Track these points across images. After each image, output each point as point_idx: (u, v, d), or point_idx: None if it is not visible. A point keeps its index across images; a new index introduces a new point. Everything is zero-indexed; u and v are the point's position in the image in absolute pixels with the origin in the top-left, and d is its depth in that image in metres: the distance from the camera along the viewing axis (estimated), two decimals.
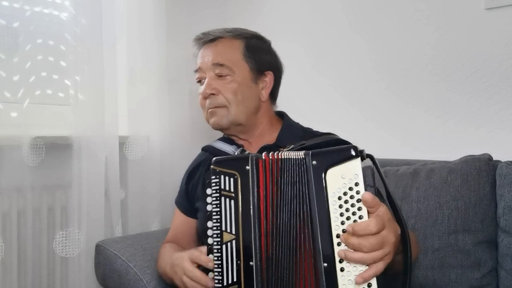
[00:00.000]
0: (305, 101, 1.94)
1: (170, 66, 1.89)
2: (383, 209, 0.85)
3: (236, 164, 0.96)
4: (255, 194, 0.93)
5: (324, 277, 0.86)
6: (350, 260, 0.85)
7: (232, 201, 0.94)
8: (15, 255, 1.53)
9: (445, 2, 1.62)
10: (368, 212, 0.85)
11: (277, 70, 1.32)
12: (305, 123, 1.36)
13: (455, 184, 1.35)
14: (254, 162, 0.94)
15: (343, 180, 0.87)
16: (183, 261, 1.05)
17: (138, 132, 1.81)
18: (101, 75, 1.66)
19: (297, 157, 0.92)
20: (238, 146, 1.28)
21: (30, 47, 1.57)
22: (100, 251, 1.48)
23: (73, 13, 1.61)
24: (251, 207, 0.93)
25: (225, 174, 0.95)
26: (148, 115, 1.83)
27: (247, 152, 1.13)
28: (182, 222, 1.39)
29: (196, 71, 1.29)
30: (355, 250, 0.84)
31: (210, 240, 0.97)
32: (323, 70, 1.91)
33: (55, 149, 1.60)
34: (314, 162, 0.90)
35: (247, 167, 0.94)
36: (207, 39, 1.28)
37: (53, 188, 1.63)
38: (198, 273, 1.00)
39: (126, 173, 1.79)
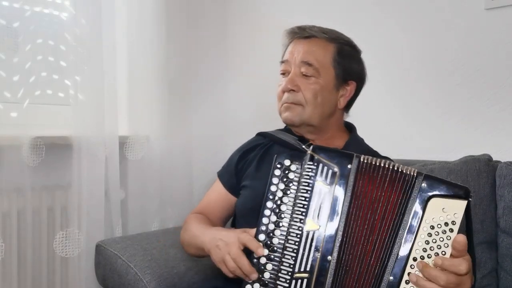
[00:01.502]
0: None
1: (170, 66, 1.89)
2: (468, 257, 0.88)
3: (338, 158, 0.95)
4: (349, 193, 0.93)
5: None
6: (419, 287, 0.87)
7: (326, 192, 0.94)
8: (15, 255, 1.53)
9: (445, 2, 1.62)
10: (451, 254, 0.88)
11: (360, 81, 1.31)
12: None
13: None
14: (357, 162, 0.94)
15: (443, 213, 0.89)
16: (233, 241, 1.01)
17: (138, 132, 1.81)
18: (101, 75, 1.65)
19: (407, 172, 0.93)
20: (304, 140, 1.26)
21: (30, 47, 1.57)
22: (100, 251, 1.48)
23: (73, 13, 1.61)
24: (344, 204, 0.93)
25: (324, 164, 0.95)
26: (148, 115, 1.83)
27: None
28: (220, 195, 1.36)
29: (282, 62, 1.28)
30: (429, 280, 0.87)
31: (265, 220, 0.95)
32: None
33: (55, 149, 1.60)
34: (423, 185, 0.91)
35: (349, 166, 0.94)
36: (302, 35, 1.26)
37: (53, 188, 1.63)
38: (246, 261, 0.96)
39: (126, 173, 1.79)
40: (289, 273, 0.92)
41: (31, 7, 1.58)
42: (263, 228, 0.95)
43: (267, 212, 0.96)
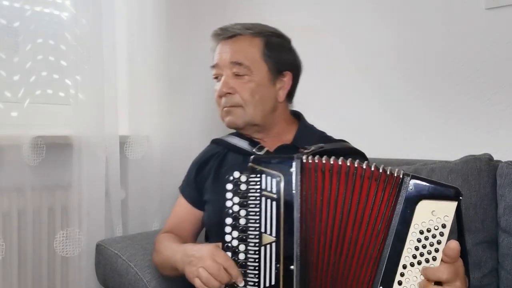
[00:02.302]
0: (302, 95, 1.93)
1: (170, 66, 1.89)
2: (460, 263, 0.85)
3: (279, 164, 0.92)
4: (298, 197, 0.90)
5: None
6: None
7: (274, 203, 0.91)
8: (15, 254, 1.53)
9: (445, 2, 1.62)
10: (442, 260, 0.84)
11: (296, 70, 1.28)
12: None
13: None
14: (299, 164, 0.91)
15: (433, 216, 0.84)
16: (205, 255, 0.97)
17: (138, 132, 1.81)
18: (101, 75, 1.66)
19: (387, 172, 0.88)
20: (254, 142, 1.24)
21: (31, 47, 1.57)
22: (100, 250, 1.48)
23: (73, 12, 1.61)
24: (295, 210, 0.90)
25: (267, 174, 0.92)
26: (148, 115, 1.83)
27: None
28: (187, 211, 1.33)
29: (213, 67, 1.25)
30: None
31: (228, 237, 0.93)
32: (320, 65, 1.90)
33: (55, 148, 1.60)
34: (411, 186, 0.86)
35: (291, 170, 0.91)
36: (226, 36, 1.23)
37: (53, 187, 1.63)
38: (233, 264, 0.94)
39: (127, 173, 1.79)
40: None
41: (32, 7, 1.59)
42: (228, 245, 0.93)
43: (228, 229, 0.94)
